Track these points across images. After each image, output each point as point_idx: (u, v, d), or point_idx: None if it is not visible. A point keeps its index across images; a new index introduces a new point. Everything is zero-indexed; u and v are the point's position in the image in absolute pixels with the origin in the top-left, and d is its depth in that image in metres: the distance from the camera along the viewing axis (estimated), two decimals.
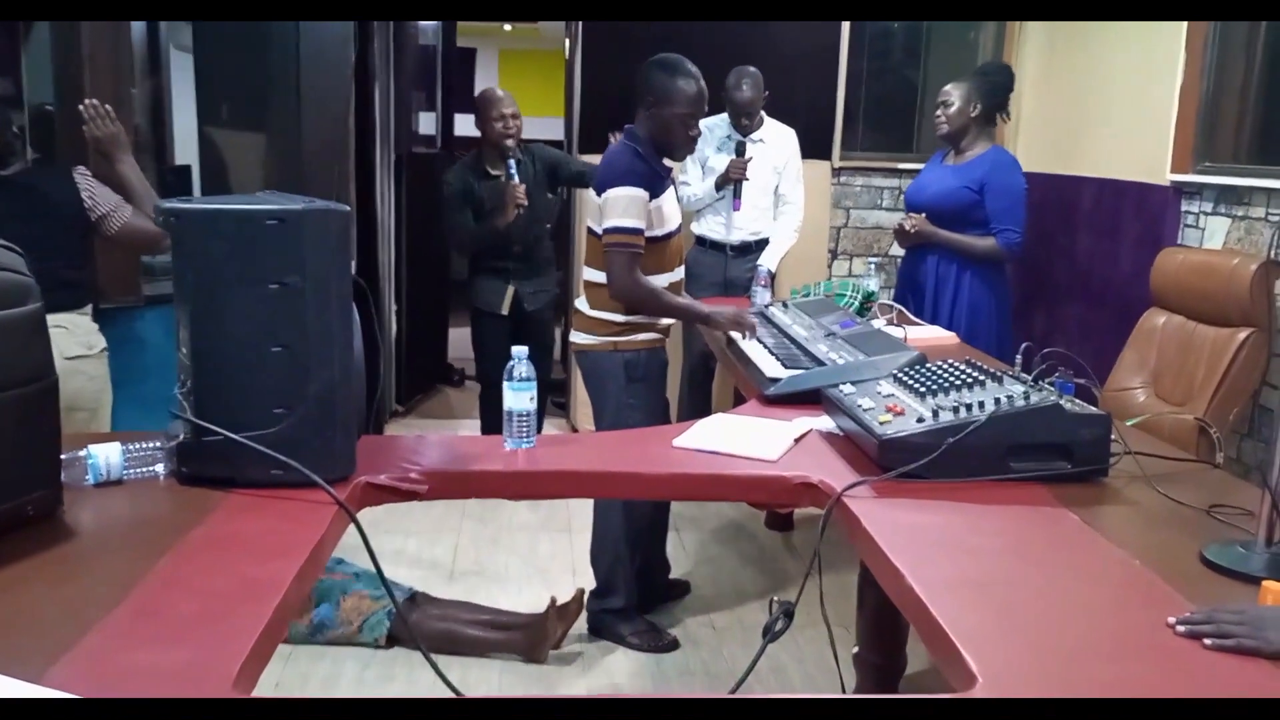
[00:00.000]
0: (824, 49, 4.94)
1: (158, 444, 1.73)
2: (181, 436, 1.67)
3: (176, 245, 1.63)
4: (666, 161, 2.92)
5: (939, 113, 3.73)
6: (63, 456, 1.56)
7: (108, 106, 2.80)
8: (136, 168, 2.85)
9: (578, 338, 2.96)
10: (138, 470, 1.71)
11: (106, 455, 1.68)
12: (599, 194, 2.81)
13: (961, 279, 3.67)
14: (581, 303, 2.96)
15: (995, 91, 3.74)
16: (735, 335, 2.85)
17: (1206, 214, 3.71)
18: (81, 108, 2.78)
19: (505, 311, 4.24)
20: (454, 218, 4.16)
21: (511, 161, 4.04)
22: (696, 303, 3.00)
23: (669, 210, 2.87)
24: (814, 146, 4.69)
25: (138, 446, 1.73)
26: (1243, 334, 2.93)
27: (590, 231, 2.88)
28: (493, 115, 4.07)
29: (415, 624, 2.92)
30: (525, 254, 4.22)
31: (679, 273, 2.98)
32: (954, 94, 3.69)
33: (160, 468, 1.72)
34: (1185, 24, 3.78)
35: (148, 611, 1.27)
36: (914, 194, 3.88)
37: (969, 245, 3.62)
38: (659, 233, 2.83)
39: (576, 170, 4.31)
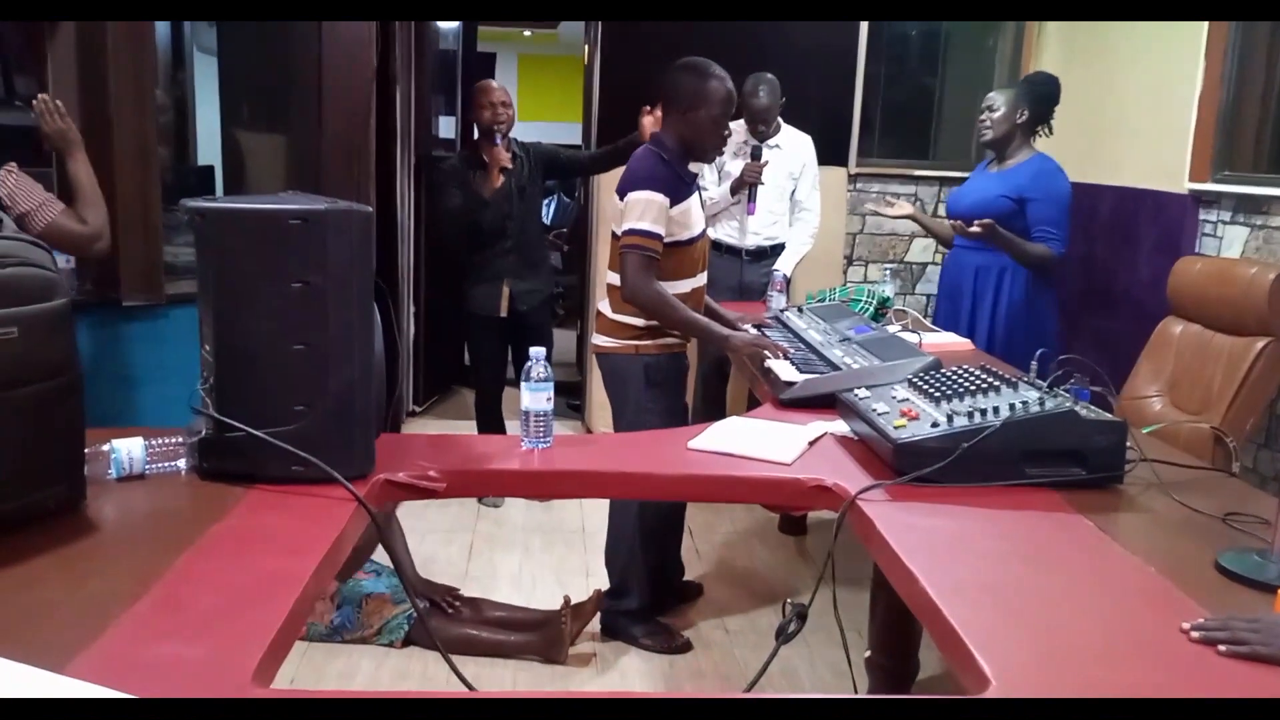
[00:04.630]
0: (841, 54, 4.94)
1: (180, 439, 1.76)
2: (203, 432, 1.69)
3: (200, 244, 1.65)
4: (692, 166, 2.93)
5: (983, 118, 3.64)
6: (85, 450, 1.58)
7: (58, 103, 2.78)
8: (88, 167, 2.80)
9: (599, 340, 2.97)
10: (160, 465, 1.73)
11: (129, 450, 1.70)
12: (621, 197, 2.83)
13: (1001, 289, 3.57)
14: (604, 305, 2.96)
15: (1043, 100, 3.64)
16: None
17: (1225, 223, 3.70)
18: (33, 103, 2.78)
19: (503, 314, 4.21)
20: (444, 199, 4.20)
21: (498, 135, 4.08)
22: (713, 323, 2.93)
23: (693, 215, 2.87)
24: (830, 152, 4.70)
25: (160, 442, 1.75)
26: (1260, 343, 2.91)
27: (613, 235, 2.89)
28: (481, 102, 4.13)
29: (434, 630, 2.92)
30: (518, 250, 4.20)
31: (702, 278, 2.98)
32: (999, 100, 3.61)
33: (182, 463, 1.74)
34: (1205, 31, 3.77)
35: (168, 605, 1.29)
36: (955, 200, 3.80)
37: (1024, 249, 3.49)
38: (682, 237, 2.83)
39: (569, 158, 4.36)
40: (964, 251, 3.73)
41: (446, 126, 6.08)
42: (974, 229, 3.43)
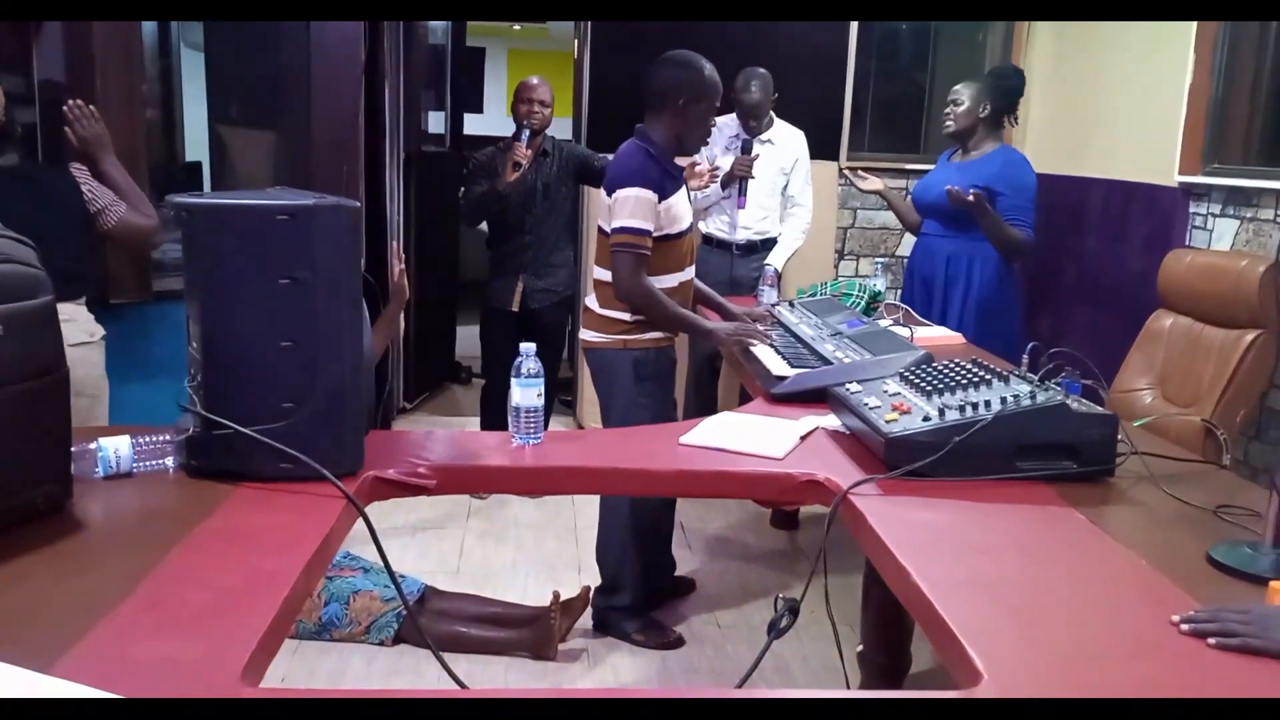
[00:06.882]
0: (832, 50, 4.94)
1: (167, 437, 1.74)
2: (191, 430, 1.68)
3: (187, 240, 1.64)
4: (680, 161, 2.93)
5: (948, 110, 3.75)
6: (72, 449, 1.57)
7: (91, 107, 2.80)
8: (120, 166, 2.86)
9: (587, 335, 2.97)
10: (147, 463, 1.72)
11: (116, 448, 1.69)
12: (609, 194, 2.83)
13: (972, 276, 3.67)
14: (591, 301, 2.96)
15: (1006, 94, 3.74)
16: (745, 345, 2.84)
17: (1215, 215, 3.71)
18: (65, 108, 2.79)
19: (515, 308, 4.24)
20: (469, 189, 4.23)
21: (525, 132, 4.07)
22: (699, 317, 2.97)
23: (680, 210, 2.87)
24: (821, 147, 4.69)
25: (147, 440, 1.74)
26: (1250, 336, 2.92)
27: (601, 230, 2.89)
28: (521, 97, 4.16)
29: (424, 628, 2.91)
30: (536, 247, 4.21)
31: (690, 272, 2.98)
32: (964, 93, 3.71)
33: (169, 461, 1.73)
34: (1194, 25, 3.78)
35: (157, 603, 1.28)
36: (921, 192, 3.88)
37: (1005, 230, 3.53)
38: (670, 232, 2.84)
39: (601, 168, 4.30)
40: (935, 239, 3.81)
41: (436, 121, 6.05)
42: (970, 197, 3.45)
